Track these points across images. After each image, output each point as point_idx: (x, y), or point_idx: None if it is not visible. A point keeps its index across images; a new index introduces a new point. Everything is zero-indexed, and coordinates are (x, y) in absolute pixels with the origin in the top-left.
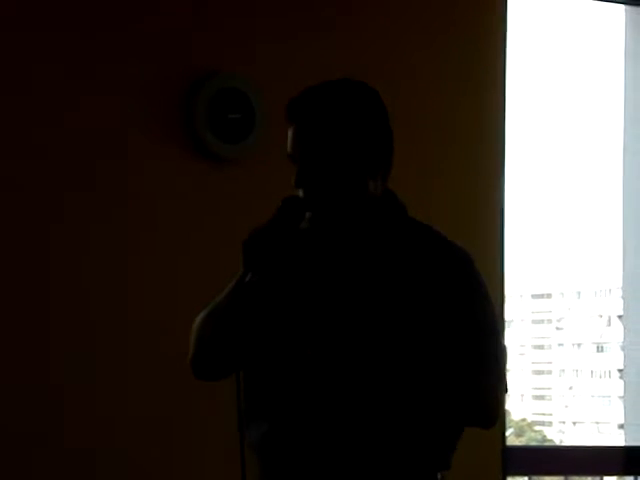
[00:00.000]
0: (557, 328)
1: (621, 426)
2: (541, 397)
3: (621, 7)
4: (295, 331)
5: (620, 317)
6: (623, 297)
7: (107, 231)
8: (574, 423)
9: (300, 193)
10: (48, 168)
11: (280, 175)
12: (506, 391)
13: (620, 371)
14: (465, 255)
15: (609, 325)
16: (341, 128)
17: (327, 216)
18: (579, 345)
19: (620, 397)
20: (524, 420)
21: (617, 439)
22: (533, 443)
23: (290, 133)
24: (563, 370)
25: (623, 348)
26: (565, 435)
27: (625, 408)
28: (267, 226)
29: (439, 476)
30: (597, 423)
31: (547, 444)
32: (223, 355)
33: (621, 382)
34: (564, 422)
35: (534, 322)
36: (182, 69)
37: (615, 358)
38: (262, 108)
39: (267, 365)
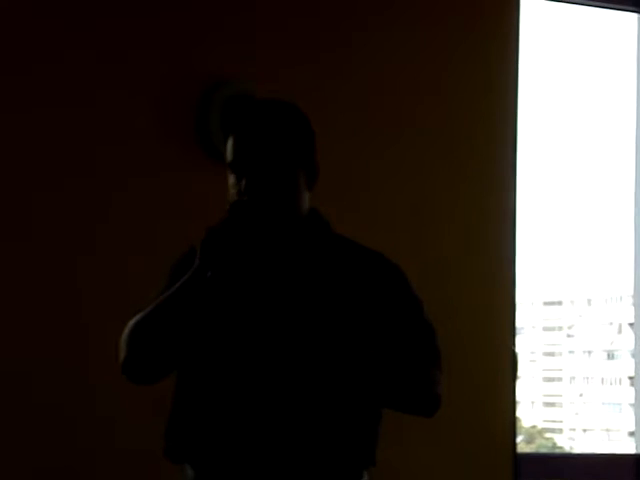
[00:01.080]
0: (568, 335)
1: (632, 434)
2: (551, 404)
3: (634, 15)
4: (238, 335)
5: (631, 325)
6: (634, 304)
7: (119, 235)
8: (584, 430)
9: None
10: (58, 171)
11: None
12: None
13: (631, 379)
14: (393, 263)
15: (620, 333)
16: (286, 140)
17: (268, 222)
18: (590, 352)
19: (631, 405)
20: (534, 427)
21: (627, 447)
22: (543, 450)
23: (230, 143)
24: (574, 377)
25: (634, 355)
26: (575, 442)
27: (636, 415)
28: (222, 226)
29: (365, 476)
30: (607, 431)
31: (557, 451)
32: (170, 353)
33: (632, 390)
34: (574, 429)
35: (545, 329)
36: (196, 75)
37: (626, 365)
38: None
39: (203, 365)
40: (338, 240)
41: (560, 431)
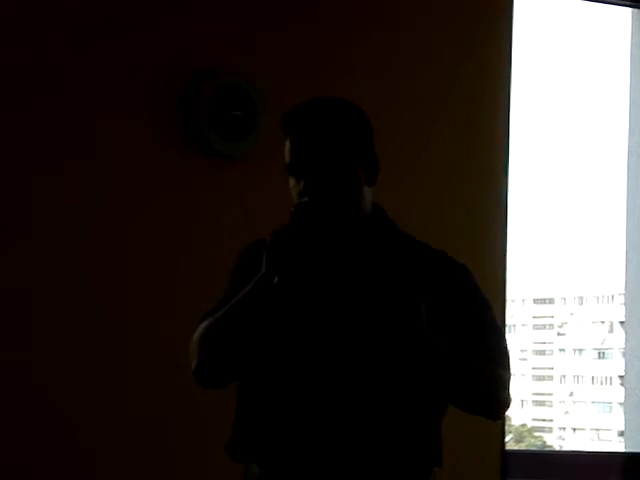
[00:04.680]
0: (559, 334)
1: (621, 433)
2: (541, 403)
3: (628, 10)
4: (304, 337)
5: (622, 323)
6: (625, 303)
7: (108, 229)
8: (574, 430)
9: (305, 200)
10: (45, 167)
11: (282, 173)
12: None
13: (621, 378)
14: (461, 263)
15: (611, 331)
16: (341, 138)
17: (332, 224)
18: (580, 351)
19: (621, 404)
20: (524, 426)
21: (618, 447)
22: (533, 449)
23: (287, 144)
24: (564, 376)
25: (625, 354)
26: (565, 442)
27: (625, 414)
28: (288, 231)
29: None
30: (597, 430)
31: (547, 449)
32: (240, 359)
33: (622, 389)
34: (564, 428)
35: (535, 327)
36: (184, 66)
37: (617, 364)
38: (264, 105)
39: (272, 370)
40: (405, 240)
41: (550, 430)
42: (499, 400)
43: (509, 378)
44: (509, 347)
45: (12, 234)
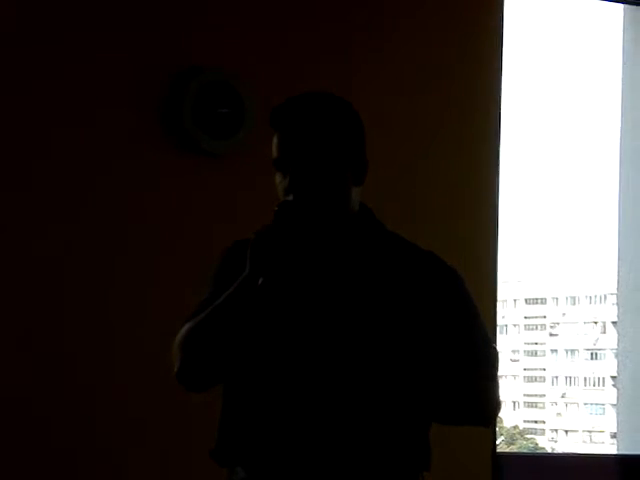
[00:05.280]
0: (551, 334)
1: (614, 435)
2: (533, 404)
3: (620, 6)
4: (289, 338)
5: (614, 323)
6: (618, 303)
7: (94, 228)
8: (566, 432)
9: (290, 198)
10: (35, 167)
11: (270, 170)
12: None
13: (614, 378)
14: (450, 266)
15: (604, 332)
16: (330, 135)
17: (317, 222)
18: (573, 352)
19: (613, 405)
20: (516, 428)
21: (610, 449)
22: (524, 451)
23: (275, 140)
24: (556, 377)
25: (617, 355)
26: (557, 444)
27: (618, 416)
28: (271, 230)
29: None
30: (590, 432)
31: (539, 452)
32: (223, 362)
33: (614, 390)
34: (556, 430)
35: (527, 328)
36: (169, 63)
37: (610, 365)
38: (251, 102)
39: (256, 374)
40: (392, 240)
41: (542, 432)
42: (486, 411)
43: (497, 386)
44: (497, 353)
45: (8, 234)
